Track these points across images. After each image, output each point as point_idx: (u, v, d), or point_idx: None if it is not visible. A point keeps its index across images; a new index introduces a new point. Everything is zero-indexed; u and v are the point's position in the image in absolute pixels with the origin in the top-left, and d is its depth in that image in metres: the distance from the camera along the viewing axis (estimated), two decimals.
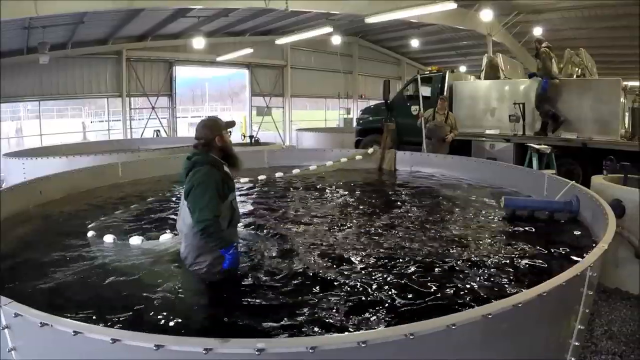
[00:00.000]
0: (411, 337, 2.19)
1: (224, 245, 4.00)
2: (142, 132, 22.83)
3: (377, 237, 5.42)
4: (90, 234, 5.38)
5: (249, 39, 24.35)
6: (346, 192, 8.34)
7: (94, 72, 21.23)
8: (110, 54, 21.35)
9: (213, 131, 4.27)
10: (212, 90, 42.62)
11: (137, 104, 23.56)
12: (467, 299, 3.70)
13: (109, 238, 5.17)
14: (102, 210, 6.68)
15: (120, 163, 9.24)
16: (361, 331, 2.38)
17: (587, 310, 3.39)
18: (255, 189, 8.62)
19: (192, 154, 4.20)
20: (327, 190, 8.45)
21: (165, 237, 5.13)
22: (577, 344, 3.37)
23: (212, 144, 4.23)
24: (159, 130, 21.92)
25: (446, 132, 11.68)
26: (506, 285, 4.03)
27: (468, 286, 3.99)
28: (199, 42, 19.43)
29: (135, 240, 5.05)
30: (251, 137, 15.76)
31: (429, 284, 4.02)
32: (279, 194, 8.26)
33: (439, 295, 3.81)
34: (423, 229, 5.79)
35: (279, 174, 9.59)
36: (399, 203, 7.48)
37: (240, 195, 7.94)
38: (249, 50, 22.95)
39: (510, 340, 2.80)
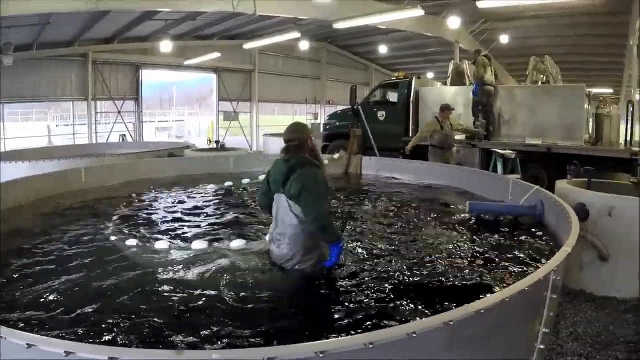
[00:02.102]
0: (370, 346, 2.12)
1: (338, 239, 4.30)
2: (108, 137, 22.38)
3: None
4: (113, 238, 5.37)
5: (217, 43, 24.16)
6: None
7: (60, 74, 20.74)
8: (76, 56, 20.92)
9: (305, 134, 4.48)
10: (180, 95, 42.34)
11: (104, 107, 23.11)
12: (429, 305, 3.66)
13: (132, 242, 5.19)
14: (55, 220, 6.41)
15: (83, 168, 9.00)
16: (319, 341, 2.28)
17: (551, 314, 3.37)
18: (220, 196, 8.46)
19: (286, 158, 4.32)
20: None
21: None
22: (542, 347, 3.34)
23: (305, 146, 4.40)
24: (124, 135, 21.60)
25: (454, 141, 11.64)
26: (469, 291, 3.99)
27: (430, 292, 3.96)
28: (166, 46, 19.24)
29: (162, 244, 5.09)
30: (217, 142, 15.59)
31: (388, 291, 3.98)
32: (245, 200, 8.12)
33: (398, 302, 3.76)
34: (387, 234, 5.75)
35: (245, 181, 9.46)
36: (364, 208, 7.44)
37: (208, 202, 7.84)
38: (216, 55, 22.79)
39: (475, 346, 2.76)
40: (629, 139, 11.87)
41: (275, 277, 4.28)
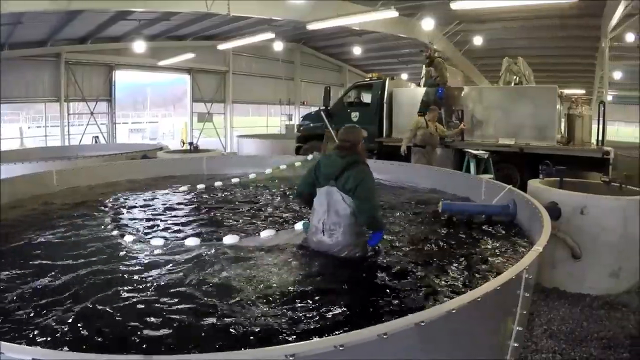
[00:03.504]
0: (341, 348, 2.09)
1: (382, 228, 4.96)
2: (81, 139, 22.02)
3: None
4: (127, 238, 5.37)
5: (190, 43, 23.98)
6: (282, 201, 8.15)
7: (32, 75, 20.33)
8: (49, 56, 20.56)
9: (359, 137, 4.95)
10: (153, 96, 41.90)
11: (76, 109, 22.79)
12: (402, 307, 3.66)
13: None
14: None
15: (54, 171, 8.83)
16: (288, 344, 2.25)
17: (525, 312, 3.39)
18: (194, 198, 8.36)
19: (342, 155, 4.79)
20: (261, 199, 8.25)
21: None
22: (516, 345, 3.37)
23: (358, 147, 4.89)
24: (97, 137, 21.33)
25: (437, 141, 11.68)
26: (442, 290, 4.01)
27: (402, 293, 3.95)
28: (139, 46, 19.08)
29: (192, 241, 5.16)
30: (190, 143, 15.45)
31: (361, 291, 3.99)
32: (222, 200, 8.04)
33: (370, 303, 3.75)
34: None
35: (218, 183, 9.38)
36: None
37: (180, 204, 7.75)
38: (190, 55, 22.65)
39: (448, 346, 2.75)
40: (600, 138, 12.02)
41: (327, 264, 4.58)
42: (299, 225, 5.43)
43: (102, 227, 5.92)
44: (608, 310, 5.96)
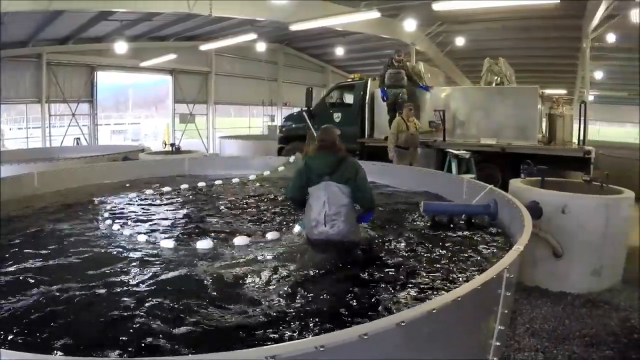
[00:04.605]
0: (322, 349, 2.07)
1: (374, 208, 5.62)
2: (62, 140, 21.83)
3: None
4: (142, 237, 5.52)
5: (173, 44, 23.81)
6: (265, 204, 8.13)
7: (13, 76, 19.94)
8: (30, 57, 20.29)
9: (334, 135, 5.45)
10: (136, 97, 41.56)
11: (58, 110, 22.58)
12: (383, 307, 3.66)
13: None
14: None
15: (36, 173, 8.73)
16: (269, 345, 2.22)
17: (506, 311, 3.40)
18: (176, 199, 8.32)
19: (329, 153, 5.26)
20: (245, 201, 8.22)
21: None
22: (498, 344, 3.37)
23: (337, 144, 5.38)
24: (79, 138, 21.15)
25: (418, 140, 11.73)
26: (423, 291, 4.01)
27: (384, 294, 3.94)
28: (121, 47, 18.93)
29: (205, 244, 5.34)
30: (172, 145, 15.36)
31: (344, 291, 3.97)
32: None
33: (353, 304, 3.74)
34: None
35: (201, 184, 9.34)
36: None
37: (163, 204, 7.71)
38: (172, 56, 22.48)
39: (430, 346, 2.73)
40: (581, 138, 12.08)
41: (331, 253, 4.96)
42: (297, 227, 5.91)
43: (88, 226, 5.95)
44: (590, 308, 6.01)
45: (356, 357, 2.26)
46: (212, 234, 5.83)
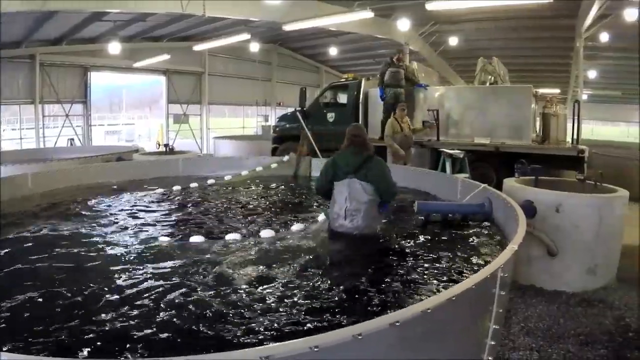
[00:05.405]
0: (316, 349, 2.05)
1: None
2: (56, 141, 21.79)
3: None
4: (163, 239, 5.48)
5: (166, 44, 23.82)
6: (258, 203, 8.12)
7: (7, 77, 19.88)
8: (23, 57, 20.28)
9: (365, 133, 5.88)
10: (129, 98, 41.58)
11: (51, 111, 22.54)
12: (377, 308, 3.63)
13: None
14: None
15: (30, 174, 8.68)
16: (263, 346, 2.21)
17: (501, 310, 3.40)
18: (169, 199, 8.29)
19: (357, 151, 5.58)
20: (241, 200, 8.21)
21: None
22: (493, 343, 3.36)
23: (367, 143, 5.73)
24: (72, 139, 21.08)
25: (412, 140, 11.74)
26: (418, 290, 3.99)
27: (378, 293, 3.91)
28: (115, 47, 18.90)
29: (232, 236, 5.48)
30: (166, 145, 15.32)
31: (339, 292, 3.93)
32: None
33: (346, 304, 3.71)
34: None
35: (193, 184, 9.31)
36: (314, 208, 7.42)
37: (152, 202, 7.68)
38: (166, 56, 22.45)
39: (424, 346, 2.72)
40: (575, 137, 12.09)
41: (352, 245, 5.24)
42: (321, 216, 6.25)
43: (83, 227, 5.90)
44: (585, 306, 6.02)
45: (350, 357, 2.24)
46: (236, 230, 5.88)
